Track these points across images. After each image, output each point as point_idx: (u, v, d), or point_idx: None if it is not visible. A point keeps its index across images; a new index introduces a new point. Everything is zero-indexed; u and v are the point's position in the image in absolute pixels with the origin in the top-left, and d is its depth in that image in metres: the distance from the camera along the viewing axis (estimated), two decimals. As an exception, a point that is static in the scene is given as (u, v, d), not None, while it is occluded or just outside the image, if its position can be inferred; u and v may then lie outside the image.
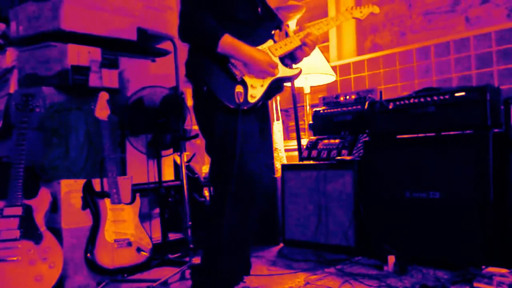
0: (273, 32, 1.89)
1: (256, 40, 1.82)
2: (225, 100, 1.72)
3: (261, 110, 1.91)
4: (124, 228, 2.24)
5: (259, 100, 1.79)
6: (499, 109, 2.21)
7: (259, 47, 1.82)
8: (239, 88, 1.75)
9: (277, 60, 1.84)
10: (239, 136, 1.70)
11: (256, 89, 1.78)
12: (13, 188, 2.08)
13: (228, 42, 1.72)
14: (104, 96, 2.40)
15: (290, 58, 1.96)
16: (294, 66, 1.97)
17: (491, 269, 1.87)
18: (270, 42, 1.86)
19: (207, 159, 3.57)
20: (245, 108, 1.75)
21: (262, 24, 1.88)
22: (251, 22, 1.85)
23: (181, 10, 1.80)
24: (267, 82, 1.81)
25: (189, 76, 1.84)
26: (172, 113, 2.60)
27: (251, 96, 1.77)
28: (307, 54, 1.92)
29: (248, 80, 1.77)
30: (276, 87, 1.87)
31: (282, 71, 1.85)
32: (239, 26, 1.80)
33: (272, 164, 2.05)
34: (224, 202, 1.74)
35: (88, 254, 2.11)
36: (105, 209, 2.23)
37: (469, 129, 2.17)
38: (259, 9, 1.88)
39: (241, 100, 1.73)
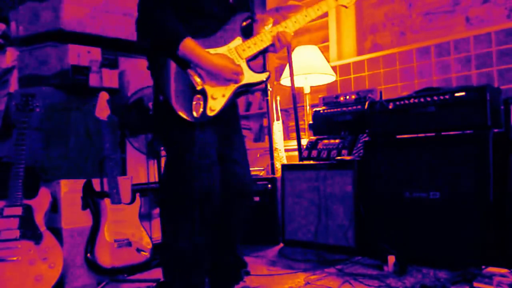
0: (244, 24, 1.70)
1: (223, 36, 1.66)
2: (181, 112, 1.56)
3: (224, 114, 1.69)
4: (124, 228, 2.24)
5: (218, 113, 1.63)
6: (499, 109, 2.21)
7: (226, 48, 1.66)
8: (197, 99, 1.59)
9: (243, 64, 1.67)
10: (197, 149, 1.57)
11: (216, 100, 1.62)
12: (13, 188, 2.08)
13: (188, 46, 1.55)
14: (104, 96, 2.40)
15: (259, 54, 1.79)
16: (261, 69, 1.77)
17: (491, 269, 1.87)
18: (238, 40, 1.68)
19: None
20: (203, 121, 1.59)
21: (232, 17, 1.70)
22: (220, 15, 1.68)
23: (139, 2, 1.62)
24: (229, 91, 1.65)
25: (150, 72, 1.66)
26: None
27: (210, 109, 1.60)
28: (277, 52, 1.75)
29: (209, 89, 1.61)
30: (241, 92, 1.71)
31: (248, 76, 1.67)
32: (205, 20, 1.65)
33: (246, 161, 1.85)
34: (174, 220, 1.64)
35: (88, 254, 2.11)
36: (105, 209, 2.24)
37: (469, 129, 2.17)
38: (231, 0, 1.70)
39: (199, 113, 1.57)
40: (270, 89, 3.52)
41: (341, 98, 3.04)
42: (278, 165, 3.40)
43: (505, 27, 2.81)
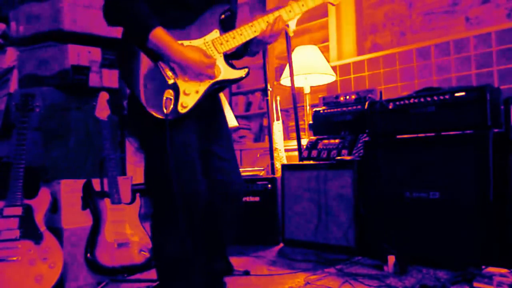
0: (223, 16, 1.58)
1: (200, 28, 1.54)
2: (150, 108, 1.44)
3: (203, 107, 1.57)
4: (124, 228, 2.24)
5: (191, 109, 1.50)
6: (499, 109, 2.21)
7: (201, 41, 1.54)
8: (168, 94, 1.46)
9: (220, 58, 1.54)
10: (174, 150, 1.45)
11: (189, 96, 1.49)
12: (13, 188, 2.08)
13: (159, 37, 1.42)
14: (104, 96, 2.40)
15: (241, 52, 1.68)
16: (240, 65, 1.62)
17: (491, 269, 1.87)
18: (215, 33, 1.55)
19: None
20: (173, 119, 1.46)
21: (210, 9, 1.57)
22: (196, 6, 1.56)
23: None
24: (203, 87, 1.52)
25: (117, 65, 1.55)
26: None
27: (182, 105, 1.47)
28: (263, 43, 1.61)
29: (181, 84, 1.49)
30: (217, 89, 1.60)
31: (225, 72, 1.55)
32: (181, 11, 1.54)
33: (232, 157, 1.72)
34: (159, 223, 1.56)
35: (88, 254, 2.11)
36: (105, 209, 2.24)
37: (469, 129, 2.17)
38: None
39: (169, 110, 1.44)
40: (270, 89, 3.52)
41: (341, 98, 3.04)
42: (278, 165, 3.40)
43: (505, 27, 2.81)
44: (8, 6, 2.82)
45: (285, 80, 3.51)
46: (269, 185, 3.04)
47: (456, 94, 2.22)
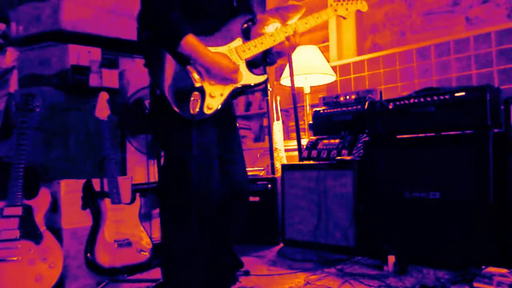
0: (245, 26, 1.72)
1: (224, 36, 1.67)
2: (178, 109, 1.54)
3: (221, 113, 1.68)
4: (124, 228, 2.24)
5: (215, 111, 1.62)
6: (499, 109, 2.21)
7: (226, 48, 1.67)
8: (195, 96, 1.57)
9: (242, 64, 1.68)
10: (194, 150, 1.55)
11: (214, 99, 1.61)
12: (13, 188, 2.08)
13: (190, 43, 1.55)
14: (104, 96, 2.40)
15: (261, 60, 1.82)
16: (260, 71, 1.78)
17: (491, 269, 1.87)
18: (238, 41, 1.69)
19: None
20: (199, 119, 1.58)
21: (234, 18, 1.71)
22: (222, 15, 1.69)
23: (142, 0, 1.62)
24: (227, 90, 1.65)
25: (147, 67, 1.65)
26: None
27: (208, 107, 1.60)
28: (281, 52, 1.78)
29: (207, 87, 1.60)
30: (238, 93, 1.71)
31: (247, 77, 1.68)
32: (207, 20, 1.65)
33: (242, 161, 1.86)
34: (172, 220, 1.64)
35: (88, 254, 2.11)
36: (105, 209, 2.24)
37: (469, 129, 2.17)
38: (234, 1, 1.71)
39: (196, 110, 1.55)
40: (270, 89, 3.52)
41: (341, 98, 3.04)
42: (278, 165, 3.40)
43: (505, 27, 2.81)
44: (8, 6, 2.83)
45: (285, 80, 3.51)
46: (269, 185, 3.04)
47: (456, 94, 2.21)
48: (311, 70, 3.34)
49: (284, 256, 2.66)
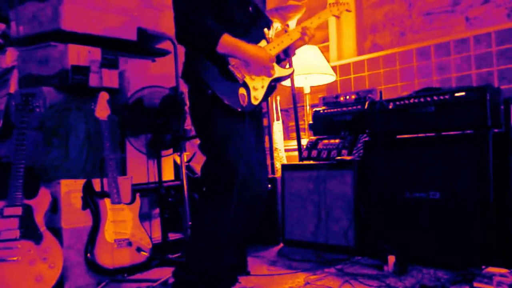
0: (265, 29, 1.89)
1: (250, 41, 1.80)
2: (231, 104, 1.71)
3: (256, 112, 1.91)
4: (124, 228, 2.24)
5: (261, 101, 1.81)
6: (499, 109, 2.21)
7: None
8: (242, 91, 1.75)
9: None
10: (246, 141, 1.72)
11: (258, 91, 1.79)
12: (13, 188, 2.08)
13: (228, 41, 1.69)
14: (104, 96, 2.40)
15: (282, 55, 1.99)
16: (286, 65, 2.00)
17: (491, 269, 1.87)
18: (263, 43, 1.85)
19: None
20: (250, 110, 1.76)
21: (254, 24, 1.87)
22: (244, 22, 1.84)
23: (175, 12, 1.76)
24: (266, 82, 1.83)
25: (187, 78, 1.81)
26: (172, 113, 2.60)
27: (254, 98, 1.78)
28: (299, 47, 1.97)
29: (250, 82, 1.78)
30: (272, 87, 1.89)
31: (278, 71, 1.87)
32: (234, 27, 1.77)
33: (265, 160, 2.02)
34: (213, 201, 1.75)
35: (88, 254, 2.11)
36: (105, 209, 2.24)
37: (469, 129, 2.17)
38: (250, 8, 1.85)
39: (246, 103, 1.75)
40: (270, 89, 3.52)
41: (341, 98, 3.04)
42: (278, 165, 3.40)
43: (505, 27, 2.81)
44: (8, 6, 2.83)
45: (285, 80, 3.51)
46: (269, 185, 3.04)
47: (456, 94, 2.22)
48: (311, 70, 3.33)
49: (284, 256, 2.66)
